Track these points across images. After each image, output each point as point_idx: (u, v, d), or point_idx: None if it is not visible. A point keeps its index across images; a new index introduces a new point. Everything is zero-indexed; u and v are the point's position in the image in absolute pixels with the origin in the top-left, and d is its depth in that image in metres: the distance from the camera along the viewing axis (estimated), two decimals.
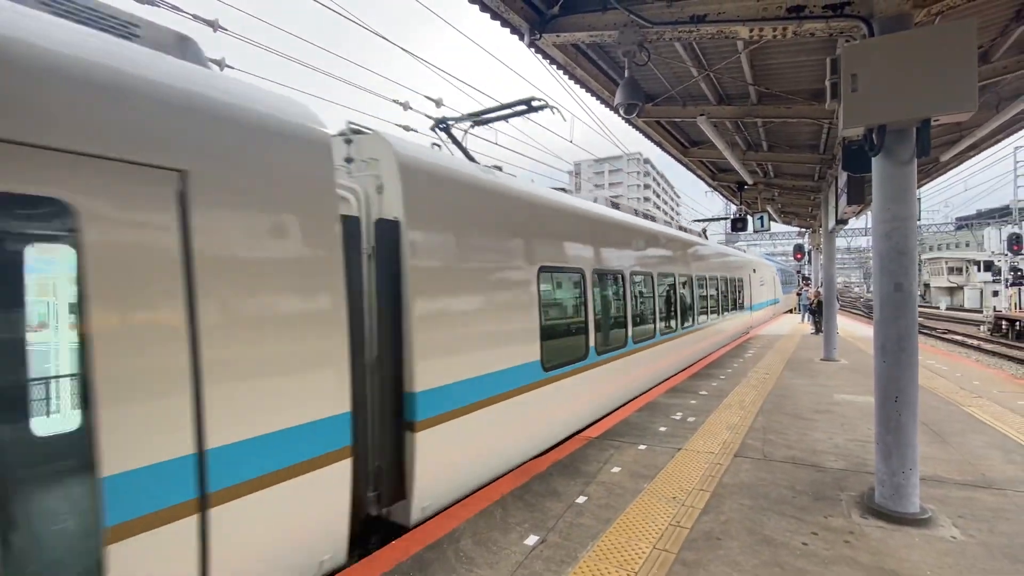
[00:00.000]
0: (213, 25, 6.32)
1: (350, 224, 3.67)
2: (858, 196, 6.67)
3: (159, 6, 5.71)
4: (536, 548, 3.63)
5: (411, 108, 9.36)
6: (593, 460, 5.42)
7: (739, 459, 5.43)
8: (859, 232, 45.28)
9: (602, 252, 7.35)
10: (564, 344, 6.31)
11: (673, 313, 10.40)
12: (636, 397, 8.42)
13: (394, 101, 9.27)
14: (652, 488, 4.69)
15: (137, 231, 2.45)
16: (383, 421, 3.93)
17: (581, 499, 4.44)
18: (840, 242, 48.88)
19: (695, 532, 3.85)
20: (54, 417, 3.68)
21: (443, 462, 4.30)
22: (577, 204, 7.11)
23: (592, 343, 6.77)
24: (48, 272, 3.24)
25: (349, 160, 4.32)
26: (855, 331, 18.96)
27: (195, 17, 6.04)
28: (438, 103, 10.01)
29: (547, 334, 5.71)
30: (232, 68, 6.70)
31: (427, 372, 4.10)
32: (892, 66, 3.89)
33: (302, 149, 3.21)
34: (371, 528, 4.01)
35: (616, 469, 5.17)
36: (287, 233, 3.07)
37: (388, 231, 4.00)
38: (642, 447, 5.86)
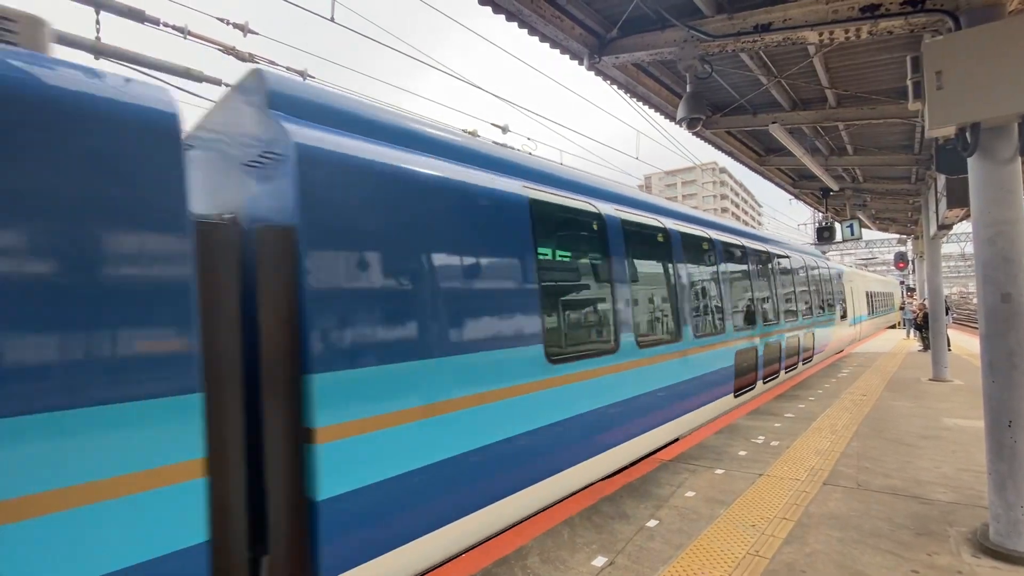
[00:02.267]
0: (303, 74, 7.05)
1: None
2: (959, 199, 6.07)
3: (256, 62, 6.48)
4: (604, 570, 3.59)
5: (479, 136, 9.76)
6: (665, 483, 5.26)
7: (829, 487, 5.04)
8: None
9: (867, 286, 22.97)
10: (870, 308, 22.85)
11: (880, 307, 26.95)
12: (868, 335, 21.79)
13: (463, 131, 9.73)
14: (729, 514, 4.48)
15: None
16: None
17: (652, 523, 4.34)
18: (952, 248, 43.80)
19: (775, 563, 3.64)
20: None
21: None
22: (867, 274, 25.69)
23: (861, 313, 20.61)
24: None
25: None
26: (972, 347, 16.87)
27: (288, 69, 6.78)
28: (504, 129, 10.37)
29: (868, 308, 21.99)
30: None
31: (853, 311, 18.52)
32: (984, 59, 3.59)
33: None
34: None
35: (690, 493, 4.98)
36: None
37: None
38: (719, 471, 5.60)
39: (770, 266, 9.99)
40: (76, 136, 2.10)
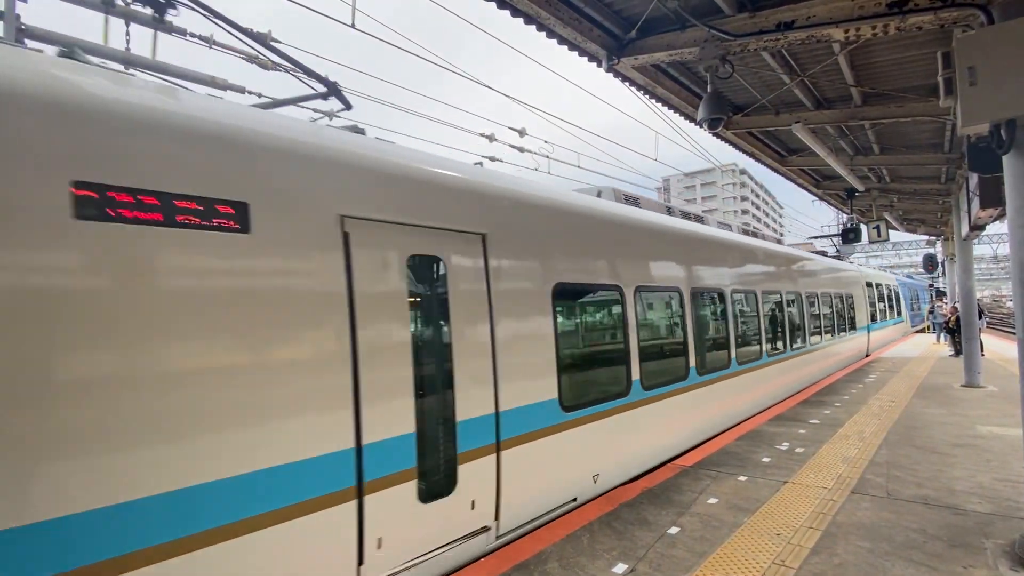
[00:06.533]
0: (324, 80, 7.13)
1: None
2: (993, 198, 5.86)
3: (279, 70, 6.58)
4: None
5: (496, 140, 9.78)
6: (687, 490, 5.17)
7: (857, 496, 4.90)
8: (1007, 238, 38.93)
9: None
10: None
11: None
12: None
13: (480, 135, 9.76)
14: (753, 522, 4.38)
15: None
16: None
17: (673, 530, 4.26)
18: (984, 249, 42.50)
19: (803, 573, 3.54)
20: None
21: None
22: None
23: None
24: None
25: None
26: (1006, 352, 16.28)
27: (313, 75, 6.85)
28: (521, 132, 10.38)
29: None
30: (339, 117, 7.48)
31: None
32: (1020, 54, 3.46)
33: None
34: None
35: (713, 500, 4.89)
36: None
37: None
38: (742, 478, 5.49)
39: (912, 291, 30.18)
40: None
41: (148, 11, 3.55)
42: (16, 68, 2.23)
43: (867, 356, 16.17)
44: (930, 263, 26.36)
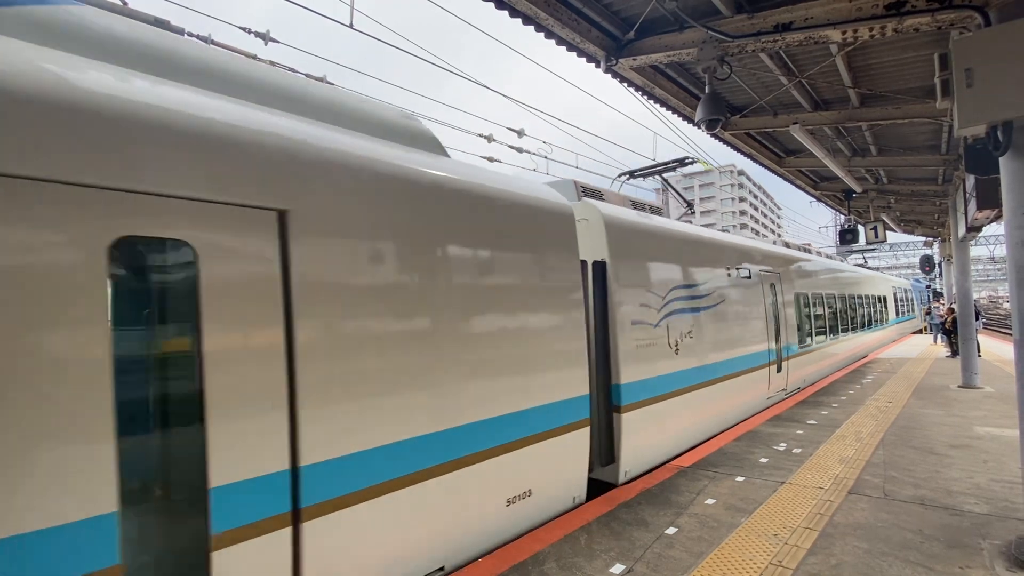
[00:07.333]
0: (322, 80, 7.13)
1: None
2: (990, 200, 5.88)
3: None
4: None
5: (495, 140, 9.79)
6: (685, 490, 5.17)
7: (854, 496, 4.91)
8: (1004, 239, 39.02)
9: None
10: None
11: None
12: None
13: (479, 135, 9.76)
14: (750, 523, 4.38)
15: None
16: None
17: (671, 530, 4.26)
18: (981, 251, 42.65)
19: (800, 574, 3.54)
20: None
21: None
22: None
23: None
24: None
25: None
26: (1003, 353, 16.34)
27: (307, 76, 6.86)
28: (520, 133, 10.38)
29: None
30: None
31: None
32: (1017, 56, 3.48)
33: None
34: None
35: (710, 501, 4.89)
36: None
37: None
38: (740, 479, 5.49)
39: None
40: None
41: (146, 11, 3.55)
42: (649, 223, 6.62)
43: (893, 341, 22.47)
44: (927, 264, 26.43)
